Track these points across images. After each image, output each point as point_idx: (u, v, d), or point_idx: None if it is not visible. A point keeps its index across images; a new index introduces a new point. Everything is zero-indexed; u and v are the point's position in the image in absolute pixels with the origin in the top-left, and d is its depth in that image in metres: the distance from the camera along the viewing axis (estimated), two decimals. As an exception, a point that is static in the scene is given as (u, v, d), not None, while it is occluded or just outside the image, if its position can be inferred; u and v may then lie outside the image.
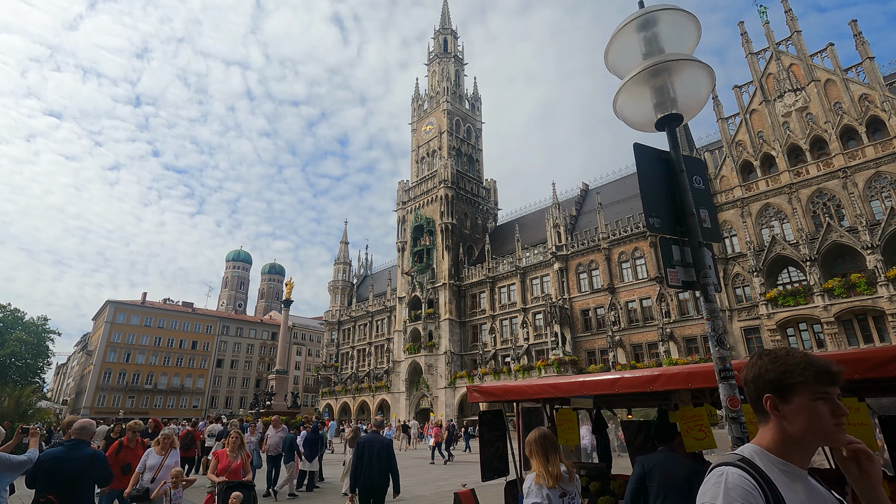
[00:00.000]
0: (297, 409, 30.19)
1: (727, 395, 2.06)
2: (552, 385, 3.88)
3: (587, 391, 3.69)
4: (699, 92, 2.55)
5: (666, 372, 3.33)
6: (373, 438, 6.74)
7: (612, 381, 3.58)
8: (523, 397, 4.12)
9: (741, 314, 31.41)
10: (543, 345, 42.22)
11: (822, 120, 30.87)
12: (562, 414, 4.51)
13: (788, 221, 30.91)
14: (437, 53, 64.82)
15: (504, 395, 4.24)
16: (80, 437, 4.56)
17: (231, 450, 6.28)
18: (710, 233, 2.61)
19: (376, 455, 6.49)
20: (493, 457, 4.53)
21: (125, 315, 69.46)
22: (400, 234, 58.55)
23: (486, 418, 4.63)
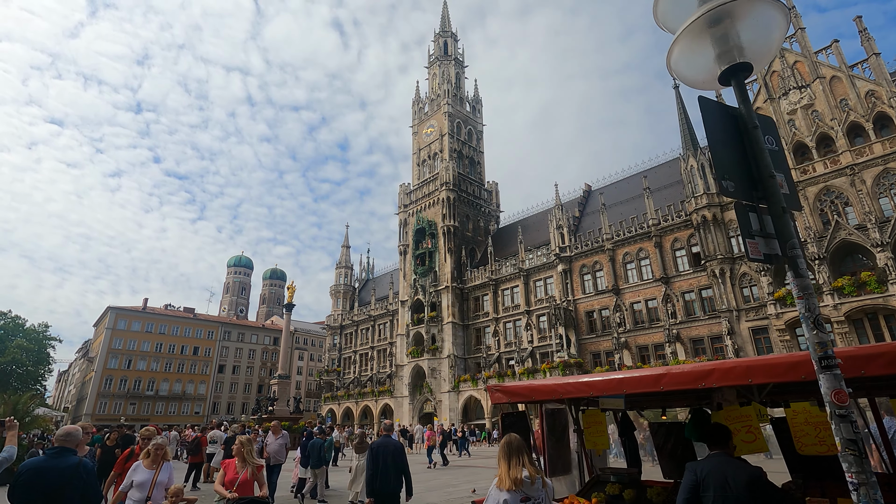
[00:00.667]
0: (300, 414, 29.88)
1: (832, 387, 1.72)
2: (586, 384, 3.52)
3: (626, 389, 3.33)
4: (770, 35, 2.21)
5: (721, 366, 2.97)
6: (385, 442, 6.61)
7: (657, 377, 3.21)
8: (552, 397, 3.75)
9: (749, 314, 30.98)
10: (548, 347, 41.80)
11: (828, 117, 30.53)
12: (589, 415, 4.15)
13: (795, 220, 30.46)
14: (437, 56, 64.68)
15: (530, 395, 3.87)
16: (65, 445, 4.07)
17: (240, 459, 5.58)
18: (790, 199, 2.27)
19: (391, 459, 6.40)
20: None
21: (126, 321, 69.12)
22: (402, 238, 58.21)
23: (508, 420, 4.26)
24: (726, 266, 32.19)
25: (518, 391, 3.94)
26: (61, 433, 4.19)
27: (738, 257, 32.22)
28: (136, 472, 5.44)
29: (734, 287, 31.90)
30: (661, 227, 37.22)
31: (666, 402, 4.81)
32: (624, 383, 3.32)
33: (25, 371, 60.55)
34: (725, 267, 32.17)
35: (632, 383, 3.31)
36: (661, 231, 37.19)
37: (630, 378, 3.36)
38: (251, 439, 5.81)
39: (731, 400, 3.56)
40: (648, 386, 3.24)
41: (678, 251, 36.53)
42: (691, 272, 35.09)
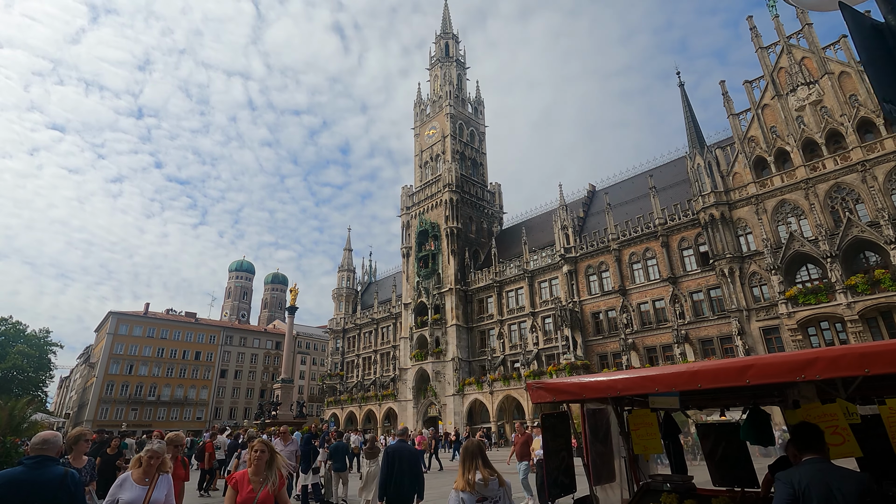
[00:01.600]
0: (304, 418, 29.33)
1: None
2: (649, 378, 3.02)
3: (702, 383, 2.84)
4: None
5: (825, 354, 2.49)
6: (400, 447, 6.49)
7: (741, 368, 2.72)
8: (607, 394, 3.26)
9: (759, 314, 30.46)
10: (554, 349, 41.26)
11: (837, 113, 30.08)
12: (637, 417, 3.69)
13: (806, 217, 30.03)
14: (438, 58, 64.44)
15: (580, 393, 3.37)
16: (44, 453, 3.51)
17: (255, 471, 4.08)
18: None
19: (406, 464, 6.35)
20: (557, 470, 3.66)
21: (128, 326, 68.71)
22: (404, 240, 57.79)
23: (549, 422, 3.79)
24: (735, 265, 31.68)
25: (565, 388, 3.44)
26: (37, 441, 3.60)
27: (747, 256, 31.72)
28: (124, 487, 4.23)
29: (744, 286, 31.38)
30: (667, 226, 36.74)
31: (714, 399, 4.35)
32: (699, 376, 2.84)
33: (26, 377, 60.13)
34: (734, 266, 31.66)
35: (708, 376, 2.82)
36: (668, 230, 36.71)
37: (706, 370, 2.87)
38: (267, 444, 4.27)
39: (811, 396, 3.10)
40: (730, 379, 2.75)
41: (685, 251, 36.04)
42: (699, 272, 34.58)
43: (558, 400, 3.43)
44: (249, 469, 4.09)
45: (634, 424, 3.74)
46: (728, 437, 4.29)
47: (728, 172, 34.01)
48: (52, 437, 3.67)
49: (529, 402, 40.08)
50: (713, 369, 2.91)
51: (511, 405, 43.21)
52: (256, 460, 4.08)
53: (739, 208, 32.82)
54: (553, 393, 3.43)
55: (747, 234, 32.35)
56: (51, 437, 3.67)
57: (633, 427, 3.75)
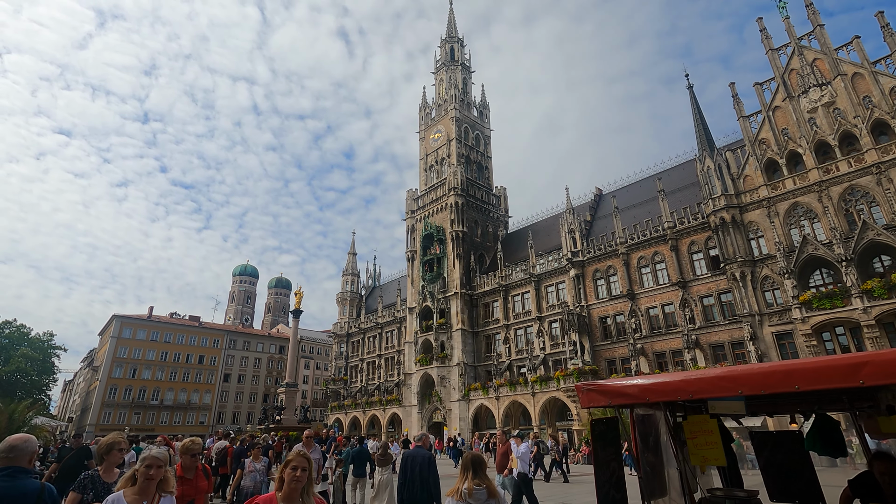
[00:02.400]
0: (308, 423, 28.90)
1: None
2: (730, 378, 2.58)
3: (799, 384, 2.39)
4: None
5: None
6: (416, 453, 6.54)
7: (853, 366, 2.25)
8: (677, 397, 2.84)
9: (772, 318, 29.87)
10: (561, 354, 40.73)
11: (850, 114, 29.62)
12: (695, 424, 3.26)
13: (819, 221, 29.50)
14: (444, 62, 64.35)
15: (642, 396, 2.93)
16: (14, 463, 2.90)
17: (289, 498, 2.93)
18: None
19: (419, 470, 6.34)
20: (608, 483, 3.25)
21: (131, 329, 68.53)
22: (409, 244, 57.46)
23: (598, 429, 3.39)
24: (747, 269, 31.14)
25: (624, 391, 3.01)
26: (3, 448, 2.94)
27: (759, 260, 31.18)
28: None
29: (756, 290, 30.82)
30: (676, 229, 36.25)
31: (772, 405, 3.93)
32: (795, 377, 2.37)
33: (30, 381, 59.93)
34: (746, 270, 31.13)
35: (807, 376, 2.36)
36: (677, 234, 36.21)
37: (804, 369, 2.41)
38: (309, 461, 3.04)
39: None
40: (837, 379, 2.31)
41: (695, 254, 35.52)
42: (709, 276, 34.05)
43: (614, 404, 3.03)
44: (280, 494, 2.92)
45: (691, 432, 3.33)
46: (788, 447, 3.87)
47: (739, 175, 33.54)
48: (20, 443, 3.01)
49: (536, 407, 39.55)
50: (814, 368, 2.47)
51: (517, 411, 42.63)
52: (294, 482, 2.88)
53: (751, 211, 32.32)
54: (608, 396, 3.02)
55: (759, 237, 31.83)
56: (19, 442, 3.01)
57: (690, 435, 3.34)
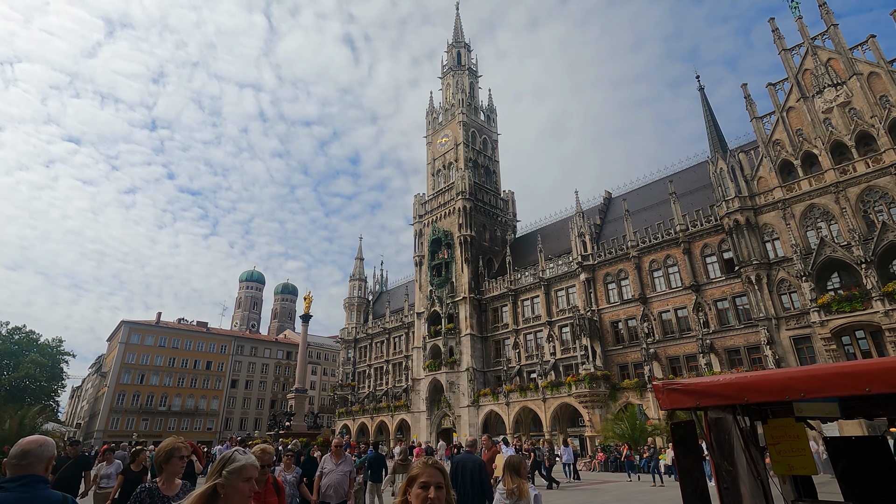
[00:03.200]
0: (318, 429, 28.57)
1: None
2: (850, 374, 2.26)
3: None
4: None
5: None
6: (465, 458, 6.57)
7: None
8: (788, 396, 2.48)
9: (789, 322, 29.29)
10: (572, 359, 40.22)
11: (867, 114, 29.13)
12: (778, 428, 2.92)
13: (837, 222, 28.96)
14: (450, 66, 64.36)
15: (740, 395, 2.50)
16: (29, 471, 2.46)
17: None
18: None
19: (469, 476, 6.37)
20: (694, 494, 2.90)
21: (140, 335, 68.59)
22: (417, 248, 57.20)
23: (679, 433, 3.04)
24: (762, 272, 30.60)
25: (716, 390, 2.62)
26: (16, 453, 2.48)
27: (774, 263, 30.64)
28: None
29: (772, 294, 30.25)
30: (689, 232, 35.77)
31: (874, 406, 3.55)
32: None
33: (39, 387, 60.04)
34: (762, 273, 30.58)
35: None
36: (690, 237, 35.72)
37: None
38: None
39: None
40: None
41: (709, 257, 35.01)
42: (724, 279, 33.51)
43: (703, 405, 2.70)
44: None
45: (773, 437, 2.98)
46: (871, 454, 3.52)
47: (752, 177, 33.07)
48: (35, 447, 2.55)
49: (547, 413, 39.01)
50: None
51: (528, 417, 42.10)
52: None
53: (765, 213, 31.81)
54: (696, 396, 2.66)
55: (774, 239, 31.30)
56: (33, 446, 2.55)
57: (772, 441, 3.00)
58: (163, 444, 3.15)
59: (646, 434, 25.61)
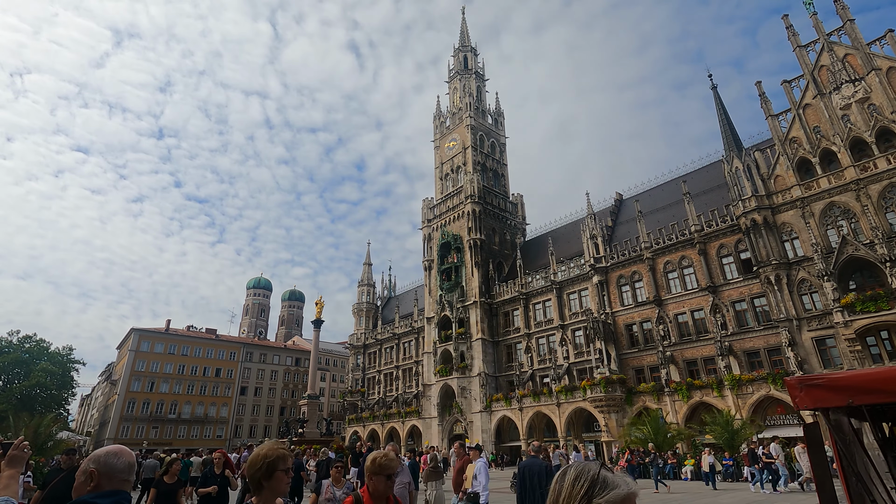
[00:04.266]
0: (331, 436, 28.19)
1: None
2: None
3: None
4: None
5: None
6: (532, 463, 6.77)
7: None
8: None
9: (811, 323, 28.62)
10: (585, 363, 39.62)
11: (887, 110, 28.57)
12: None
13: (858, 220, 28.33)
14: (457, 70, 64.28)
15: None
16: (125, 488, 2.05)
17: None
18: None
19: (537, 479, 6.50)
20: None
21: (149, 343, 68.58)
22: (426, 253, 56.88)
23: (813, 434, 2.65)
24: (782, 272, 29.98)
25: (876, 384, 2.29)
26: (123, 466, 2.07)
27: (794, 262, 30.02)
28: None
29: (792, 294, 29.61)
30: (704, 233, 35.20)
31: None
32: None
33: (49, 395, 60.07)
34: (781, 273, 29.96)
35: None
36: (706, 237, 35.15)
37: None
38: None
39: None
40: None
41: (725, 258, 34.41)
42: (741, 280, 32.89)
43: (857, 403, 2.31)
44: None
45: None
46: None
47: (769, 175, 32.52)
48: (131, 458, 2.15)
49: (561, 418, 38.39)
50: None
51: (541, 422, 41.47)
52: None
53: (784, 212, 31.23)
54: (847, 393, 2.27)
55: (793, 238, 30.69)
56: (130, 457, 2.14)
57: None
58: (260, 451, 2.31)
59: (671, 439, 24.98)
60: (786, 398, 28.69)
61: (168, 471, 7.08)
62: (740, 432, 23.64)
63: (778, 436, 22.97)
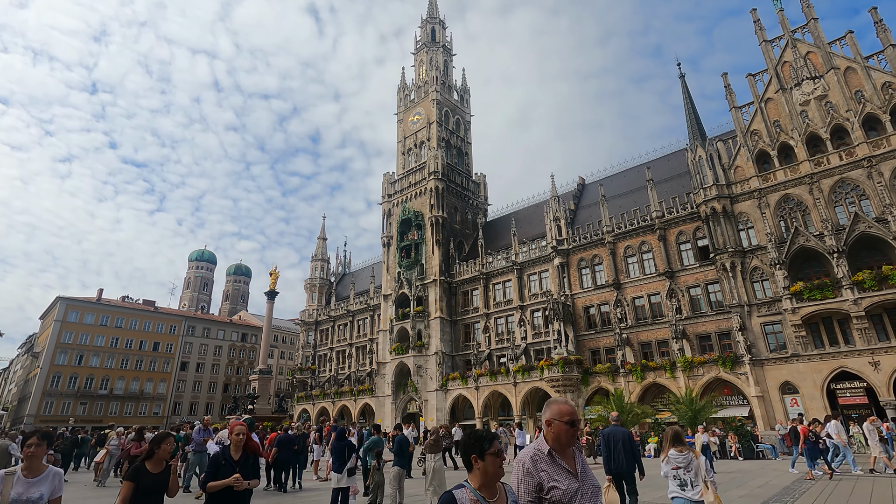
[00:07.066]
0: (284, 413, 26.74)
1: None
2: None
3: None
4: None
5: None
6: (614, 430, 7.80)
7: None
8: None
9: (761, 309, 29.86)
10: (543, 344, 39.95)
11: (843, 108, 29.81)
12: None
13: (810, 213, 29.62)
14: (424, 42, 62.31)
15: None
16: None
17: None
18: None
19: (621, 444, 7.56)
20: None
21: (78, 313, 63.28)
22: (385, 229, 55.41)
23: None
24: (737, 260, 31.03)
25: None
26: None
27: (748, 251, 31.12)
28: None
29: (745, 281, 30.75)
30: (665, 219, 35.92)
31: None
32: None
33: (-41, 367, 54.35)
34: (736, 260, 31.01)
35: None
36: (666, 224, 35.89)
37: None
38: None
39: None
40: None
41: (683, 244, 35.31)
42: (698, 266, 33.88)
43: None
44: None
45: None
46: None
47: (730, 166, 33.41)
48: None
49: (517, 397, 38.62)
50: None
51: (497, 401, 41.67)
52: None
53: (742, 202, 32.23)
54: None
55: (749, 228, 31.78)
56: None
57: None
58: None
59: (634, 417, 25.43)
60: (733, 380, 30.01)
61: (154, 454, 4.71)
62: (703, 411, 24.41)
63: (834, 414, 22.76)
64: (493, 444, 2.60)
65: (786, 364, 28.15)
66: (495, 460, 2.58)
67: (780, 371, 28.20)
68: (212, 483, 4.62)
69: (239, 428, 4.98)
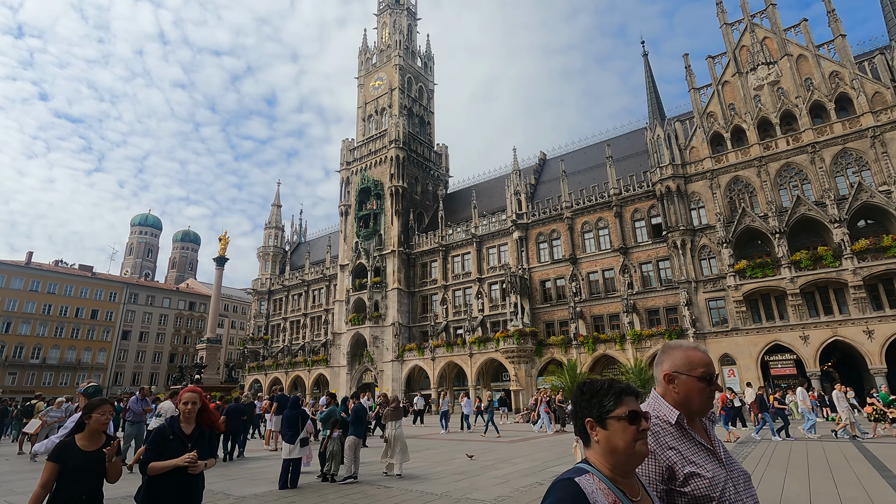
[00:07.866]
0: (234, 383, 25.88)
1: None
2: None
3: None
4: None
5: None
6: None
7: None
8: None
9: (706, 286, 31.25)
10: (500, 316, 40.47)
11: (793, 95, 30.96)
12: None
13: (757, 195, 30.94)
14: (388, 4, 59.74)
15: None
16: None
17: None
18: None
19: None
20: None
21: (5, 278, 58.55)
22: (343, 197, 53.87)
23: None
24: (687, 237, 32.17)
25: None
26: None
27: (699, 229, 32.29)
28: None
29: (693, 259, 32.01)
30: (622, 196, 36.65)
31: None
32: None
33: None
34: (686, 238, 32.15)
35: None
36: (623, 201, 36.65)
37: None
38: None
39: None
40: None
41: (638, 222, 36.24)
42: (650, 243, 34.94)
43: None
44: None
45: None
46: None
47: (686, 146, 34.25)
48: None
49: (472, 368, 39.18)
50: None
51: (452, 371, 42.18)
52: None
53: (695, 182, 33.24)
54: None
55: (700, 207, 32.90)
56: None
57: None
58: None
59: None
60: (678, 352, 31.45)
61: (84, 426, 3.75)
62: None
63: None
64: (623, 402, 1.57)
65: (726, 337, 29.75)
66: (628, 428, 1.54)
67: (721, 344, 29.78)
68: (155, 463, 3.58)
69: (189, 395, 3.94)
